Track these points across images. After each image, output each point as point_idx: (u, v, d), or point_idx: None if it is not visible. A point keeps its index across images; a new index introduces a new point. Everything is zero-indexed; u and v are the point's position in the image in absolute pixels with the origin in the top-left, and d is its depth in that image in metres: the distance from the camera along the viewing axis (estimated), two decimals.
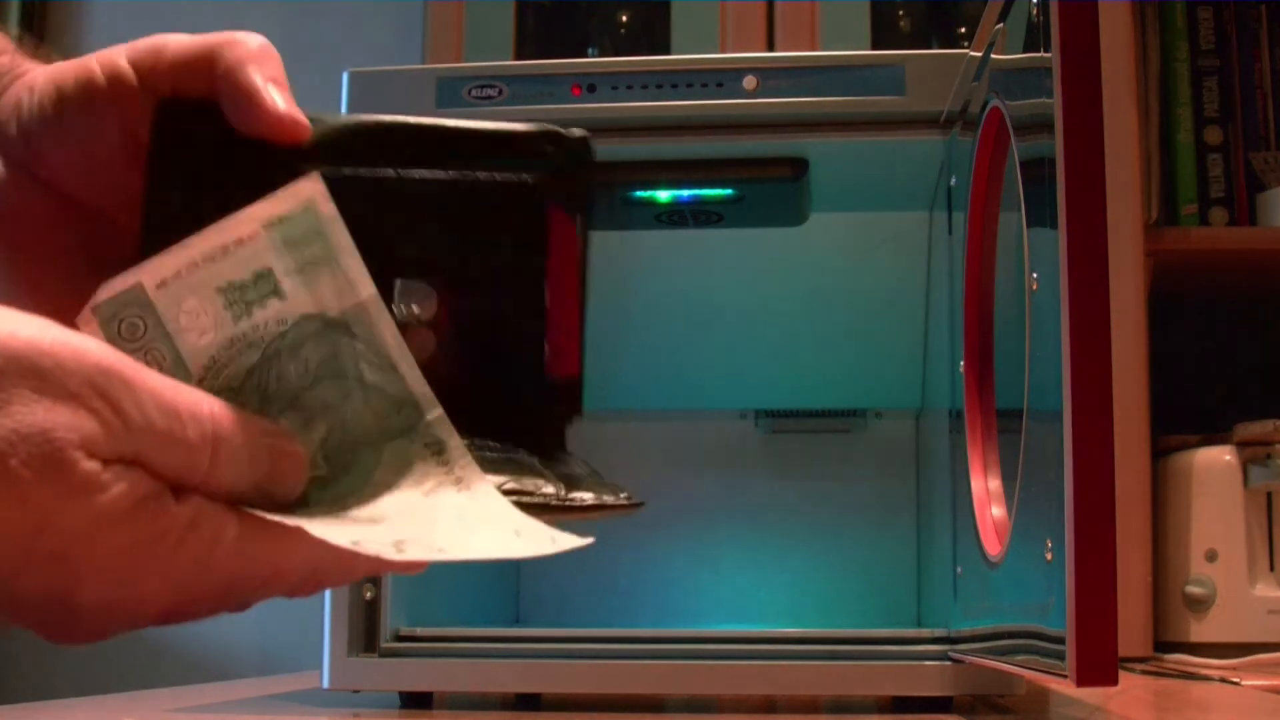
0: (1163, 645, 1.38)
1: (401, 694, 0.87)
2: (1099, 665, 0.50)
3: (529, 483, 0.45)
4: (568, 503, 0.47)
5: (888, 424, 1.17)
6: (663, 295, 1.08)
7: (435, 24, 1.54)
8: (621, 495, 0.47)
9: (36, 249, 0.47)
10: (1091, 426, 0.51)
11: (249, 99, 0.44)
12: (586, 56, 1.58)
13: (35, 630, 0.39)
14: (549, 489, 0.46)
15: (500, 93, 0.88)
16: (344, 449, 0.41)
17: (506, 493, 0.43)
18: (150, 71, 0.46)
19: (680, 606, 1.15)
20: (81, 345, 0.35)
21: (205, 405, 0.37)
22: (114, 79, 0.46)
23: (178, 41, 0.48)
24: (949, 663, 0.81)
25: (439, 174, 0.46)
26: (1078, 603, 0.50)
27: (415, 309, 0.46)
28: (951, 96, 0.84)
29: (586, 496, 0.47)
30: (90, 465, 0.34)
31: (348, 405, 0.41)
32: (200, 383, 0.39)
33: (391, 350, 0.41)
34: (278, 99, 0.44)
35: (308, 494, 0.40)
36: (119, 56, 0.46)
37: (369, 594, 0.85)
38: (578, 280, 0.48)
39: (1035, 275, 0.59)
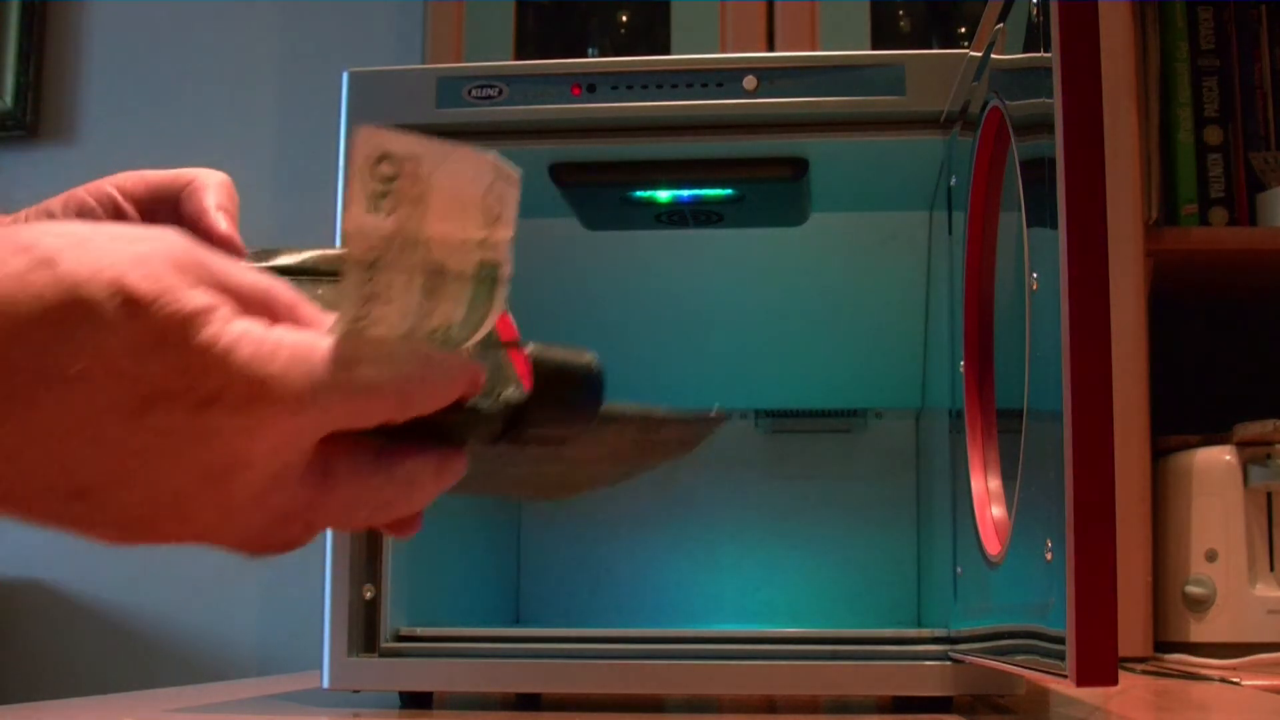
0: (1163, 645, 1.38)
1: (401, 694, 0.87)
2: (1099, 665, 0.50)
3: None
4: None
5: (888, 424, 1.17)
6: (663, 295, 1.08)
7: (435, 24, 1.54)
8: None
9: None
10: (1091, 426, 0.51)
11: (199, 218, 0.55)
12: (586, 56, 1.58)
13: (92, 530, 0.42)
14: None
15: (500, 93, 0.88)
16: None
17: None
18: (131, 194, 0.56)
19: (680, 606, 1.15)
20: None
21: None
22: (103, 200, 0.56)
23: (155, 173, 0.58)
24: (949, 663, 0.81)
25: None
26: (1078, 603, 0.50)
27: None
28: (951, 96, 0.84)
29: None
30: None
31: None
32: None
33: None
34: (221, 221, 0.55)
35: None
36: (105, 184, 0.55)
37: (369, 594, 0.85)
38: None
39: (1035, 275, 0.59)
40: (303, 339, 0.41)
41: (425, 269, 0.42)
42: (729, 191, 0.95)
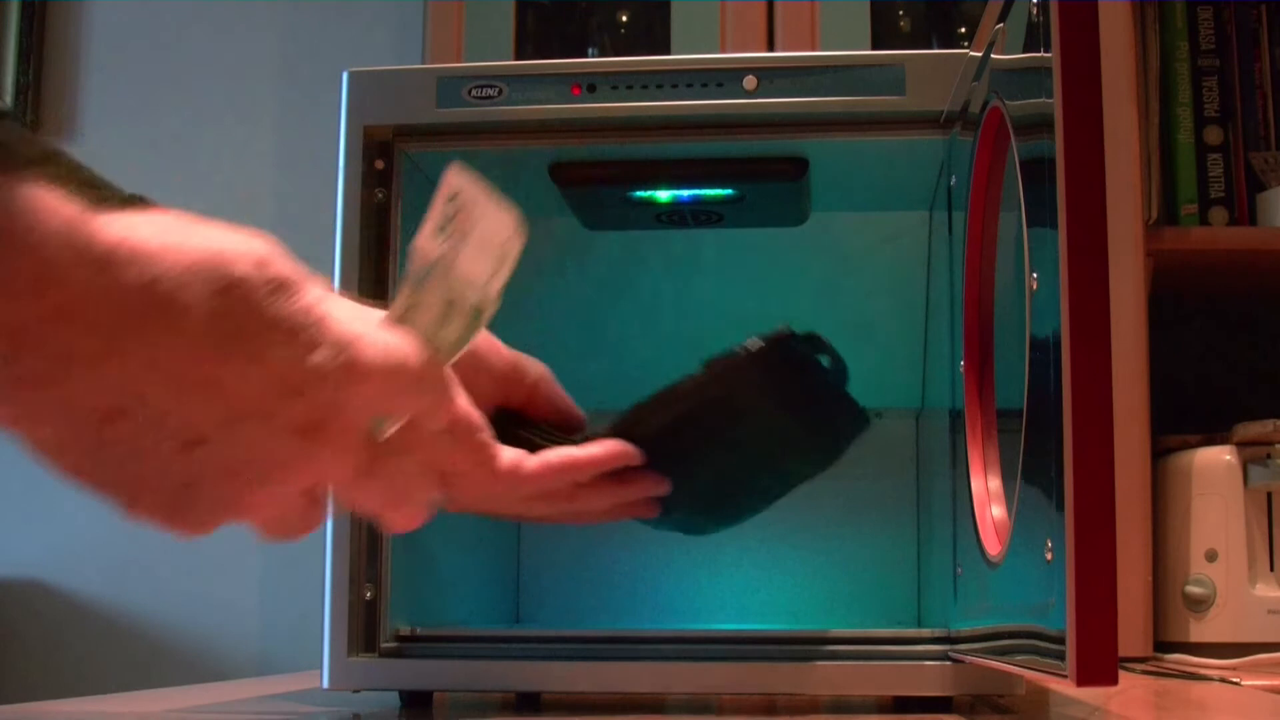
0: (1163, 645, 1.38)
1: (401, 694, 0.87)
2: (1099, 665, 0.50)
3: None
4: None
5: (888, 424, 1.17)
6: (663, 295, 1.08)
7: (435, 24, 1.54)
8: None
9: None
10: (1091, 426, 0.51)
11: (564, 404, 0.77)
12: (586, 56, 1.58)
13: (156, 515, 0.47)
14: None
15: (500, 93, 0.88)
16: None
17: None
18: (475, 381, 0.67)
19: (680, 606, 1.15)
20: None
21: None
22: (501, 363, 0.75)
23: (497, 356, 0.74)
24: (949, 663, 0.81)
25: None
26: (1078, 603, 0.50)
27: None
28: (951, 96, 0.84)
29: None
30: None
31: None
32: None
33: None
34: (576, 407, 0.78)
35: None
36: (459, 398, 0.60)
37: (369, 594, 0.85)
38: None
39: (1035, 275, 0.59)
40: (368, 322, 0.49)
41: (447, 296, 0.50)
42: (729, 191, 0.95)
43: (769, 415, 0.79)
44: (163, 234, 0.43)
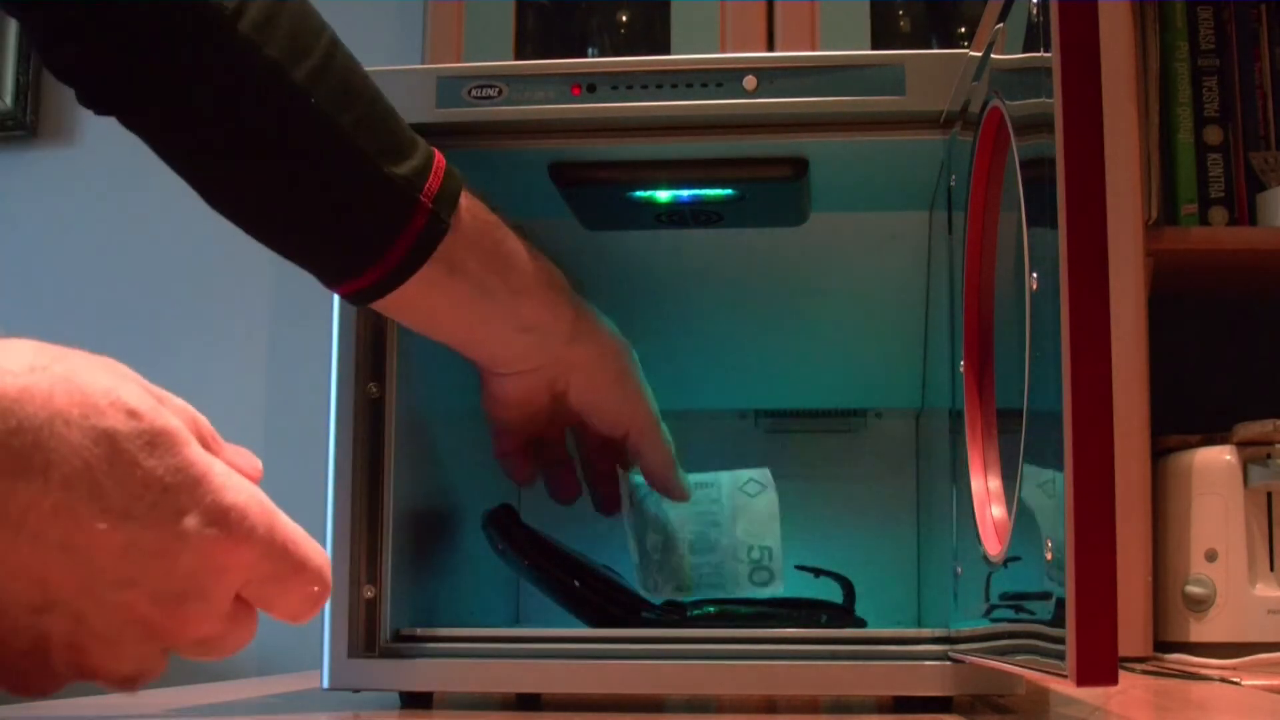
0: (1163, 645, 1.38)
1: (401, 694, 0.87)
2: (1099, 665, 0.50)
3: None
4: None
5: (888, 424, 1.17)
6: (663, 295, 1.08)
7: (435, 24, 1.54)
8: None
9: None
10: (1091, 426, 0.51)
11: (668, 479, 0.95)
12: (586, 56, 1.58)
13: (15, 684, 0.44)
14: None
15: (500, 93, 0.88)
16: None
17: None
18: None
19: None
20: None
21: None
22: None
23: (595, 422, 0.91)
24: (949, 663, 0.81)
25: None
26: (1078, 603, 0.50)
27: None
28: (951, 96, 0.84)
29: None
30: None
31: None
32: None
33: None
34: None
35: None
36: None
37: (369, 594, 0.85)
38: None
39: (1035, 275, 0.59)
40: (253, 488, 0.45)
41: None
42: (729, 191, 0.95)
43: None
44: (24, 375, 0.39)
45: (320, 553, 0.46)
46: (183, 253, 1.90)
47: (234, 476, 0.43)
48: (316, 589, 0.46)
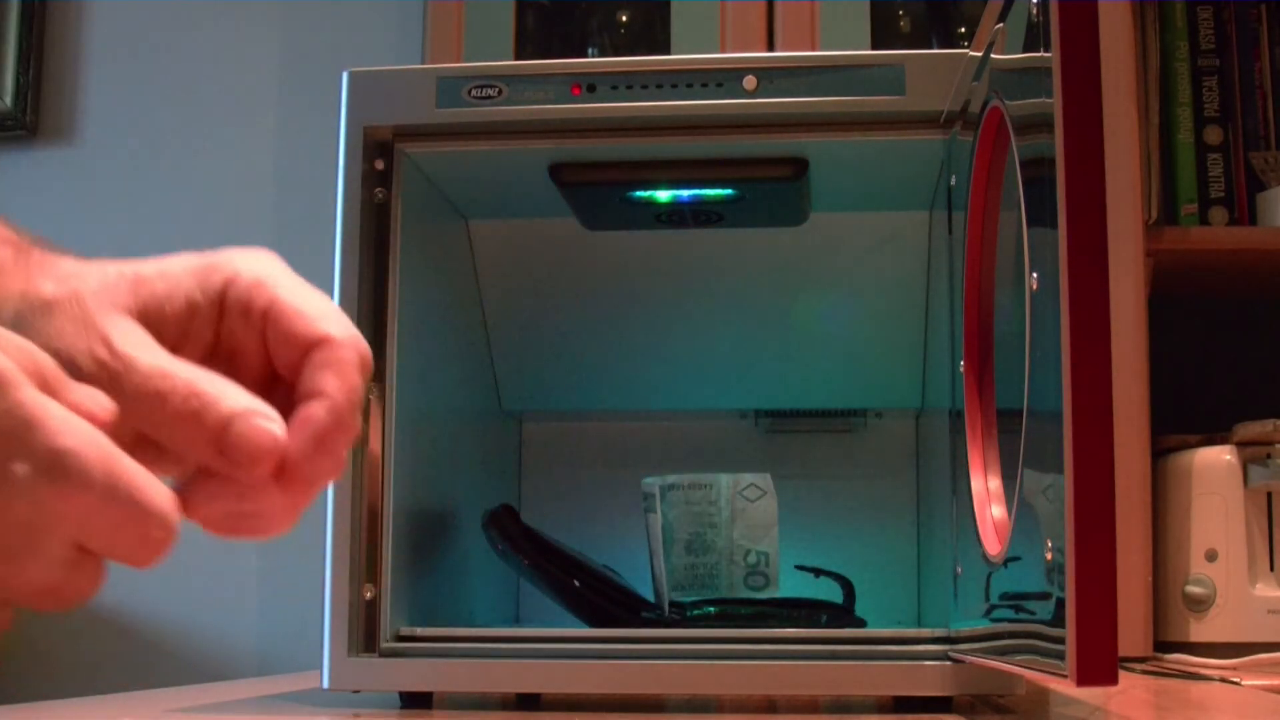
0: (1163, 645, 1.38)
1: (401, 694, 0.87)
2: (1099, 665, 0.50)
3: None
4: None
5: (888, 424, 1.17)
6: (663, 295, 1.08)
7: (435, 24, 1.54)
8: None
9: None
10: (1091, 426, 0.51)
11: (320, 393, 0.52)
12: (586, 56, 1.58)
13: None
14: None
15: (500, 93, 0.88)
16: None
17: None
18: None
19: None
20: None
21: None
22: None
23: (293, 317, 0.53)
24: (949, 663, 0.81)
25: None
26: (1078, 603, 0.50)
27: None
28: (951, 96, 0.84)
29: None
30: None
31: None
32: None
33: None
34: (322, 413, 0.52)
35: None
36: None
37: (369, 594, 0.85)
38: None
39: (1035, 275, 0.59)
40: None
41: None
42: (729, 191, 0.95)
43: None
44: None
45: (165, 493, 0.43)
46: (182, 253, 1.89)
47: (72, 420, 0.40)
48: (159, 534, 0.42)
